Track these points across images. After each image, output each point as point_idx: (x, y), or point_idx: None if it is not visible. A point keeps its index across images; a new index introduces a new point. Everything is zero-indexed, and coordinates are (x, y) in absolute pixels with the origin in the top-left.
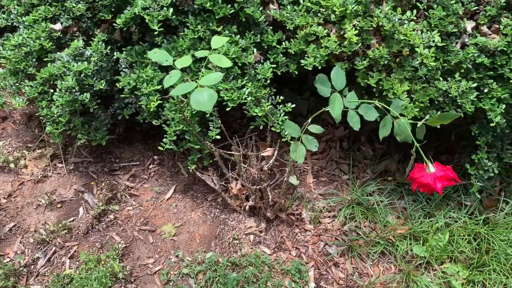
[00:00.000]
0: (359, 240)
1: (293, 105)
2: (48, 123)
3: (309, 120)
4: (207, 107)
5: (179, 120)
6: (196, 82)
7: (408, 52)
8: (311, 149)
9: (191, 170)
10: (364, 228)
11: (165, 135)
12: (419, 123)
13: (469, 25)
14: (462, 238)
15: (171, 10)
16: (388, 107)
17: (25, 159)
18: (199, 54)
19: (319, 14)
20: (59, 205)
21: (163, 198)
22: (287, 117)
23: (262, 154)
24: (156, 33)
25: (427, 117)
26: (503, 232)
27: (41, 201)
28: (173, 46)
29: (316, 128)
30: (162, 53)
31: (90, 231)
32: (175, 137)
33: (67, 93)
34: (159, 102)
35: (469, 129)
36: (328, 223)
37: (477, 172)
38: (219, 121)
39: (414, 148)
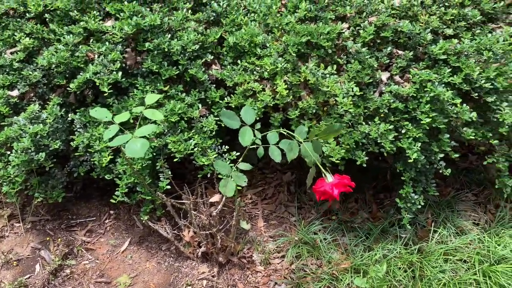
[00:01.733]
0: (306, 277)
1: (238, 153)
2: (4, 183)
3: (240, 159)
4: (140, 154)
5: (130, 173)
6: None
7: (334, 102)
8: (241, 184)
9: (144, 221)
10: (311, 265)
11: (117, 188)
12: (311, 139)
13: (385, 75)
14: (399, 268)
15: (120, 73)
16: (293, 134)
17: None
18: (136, 110)
19: (254, 72)
20: (15, 263)
21: (119, 250)
22: (232, 164)
23: (210, 200)
24: (106, 94)
25: (318, 132)
26: (433, 259)
27: None
28: (123, 106)
29: (245, 166)
30: (101, 111)
31: (46, 287)
32: (126, 190)
33: (23, 153)
34: (110, 157)
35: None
36: (278, 263)
37: (405, 205)
38: (169, 171)
39: (311, 161)
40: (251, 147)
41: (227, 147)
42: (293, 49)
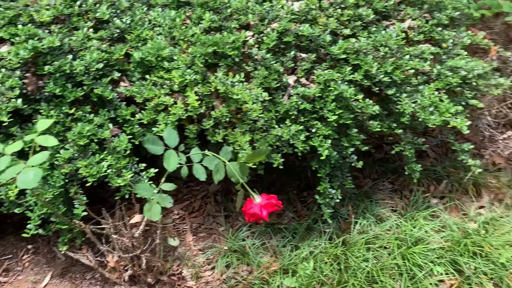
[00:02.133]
0: (238, 285)
1: (156, 170)
2: None
3: (163, 180)
4: (32, 185)
5: (41, 204)
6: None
7: (247, 108)
8: (166, 206)
9: (63, 252)
10: (242, 272)
11: (29, 221)
12: (238, 163)
13: (291, 79)
14: (325, 262)
15: (19, 100)
16: (218, 155)
17: None
18: (27, 137)
19: (164, 86)
20: None
21: (40, 286)
22: (151, 181)
23: (131, 222)
24: (6, 124)
25: (243, 157)
26: (356, 249)
27: None
28: (27, 134)
29: (169, 186)
30: None
31: None
32: (40, 221)
33: None
34: (18, 189)
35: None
36: (209, 275)
37: (324, 200)
38: (84, 197)
39: (239, 184)
40: None
41: (144, 165)
42: (200, 60)
